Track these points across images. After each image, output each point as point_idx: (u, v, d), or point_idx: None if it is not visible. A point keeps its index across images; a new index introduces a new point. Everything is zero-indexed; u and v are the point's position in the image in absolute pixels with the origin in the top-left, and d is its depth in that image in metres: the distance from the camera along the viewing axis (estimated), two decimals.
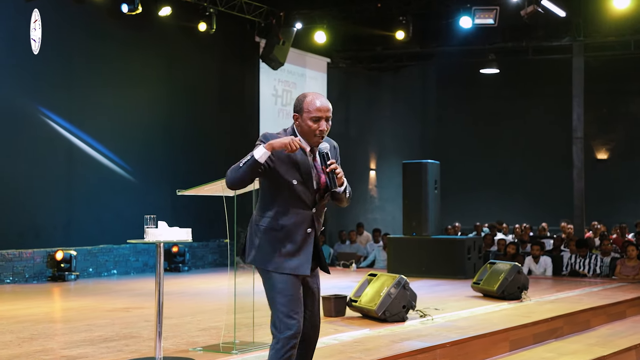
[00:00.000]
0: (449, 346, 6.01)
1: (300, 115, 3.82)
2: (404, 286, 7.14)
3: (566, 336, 7.65)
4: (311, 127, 3.80)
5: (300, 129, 3.84)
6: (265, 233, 3.82)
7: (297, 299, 3.76)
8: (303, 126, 3.82)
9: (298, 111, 3.83)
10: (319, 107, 3.80)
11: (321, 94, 3.91)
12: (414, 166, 12.27)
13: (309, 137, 3.82)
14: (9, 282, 10.77)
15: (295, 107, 3.88)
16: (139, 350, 5.57)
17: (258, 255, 3.83)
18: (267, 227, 3.81)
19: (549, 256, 12.84)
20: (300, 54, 16.40)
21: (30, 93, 11.37)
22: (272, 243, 3.80)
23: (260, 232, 3.84)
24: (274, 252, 3.79)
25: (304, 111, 3.81)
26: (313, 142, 3.83)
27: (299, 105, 3.84)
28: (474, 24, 13.80)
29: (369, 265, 14.40)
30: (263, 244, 3.81)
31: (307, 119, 3.79)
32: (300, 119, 3.82)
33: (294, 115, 3.86)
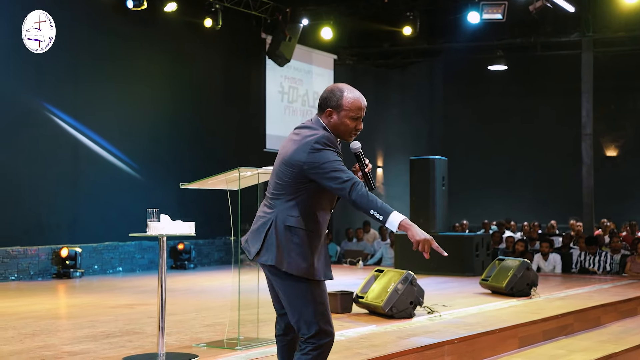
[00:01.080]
0: (457, 342, 5.90)
1: (337, 111, 3.57)
2: (411, 282, 7.03)
3: (576, 333, 7.53)
4: (349, 126, 3.58)
5: (332, 126, 3.59)
6: (296, 235, 3.56)
7: (328, 304, 3.63)
8: (339, 124, 3.58)
9: (335, 107, 3.57)
10: (361, 106, 3.59)
11: (355, 88, 3.67)
12: (421, 162, 12.15)
13: (343, 135, 3.61)
14: (13, 279, 10.71)
15: (328, 100, 3.59)
16: (142, 346, 5.48)
17: (289, 259, 3.55)
18: (299, 229, 3.55)
19: (558, 254, 12.71)
20: (306, 51, 16.31)
21: (36, 90, 11.31)
22: (303, 247, 3.55)
23: (289, 234, 3.56)
24: (305, 257, 3.55)
25: (344, 108, 3.56)
26: (345, 139, 3.64)
27: (337, 101, 3.57)
28: (482, 19, 13.67)
29: (375, 263, 14.28)
30: (293, 248, 3.55)
31: (346, 117, 3.57)
32: (336, 116, 3.57)
33: (328, 111, 3.58)
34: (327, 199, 3.64)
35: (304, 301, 3.57)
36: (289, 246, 3.56)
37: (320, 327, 3.55)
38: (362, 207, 3.41)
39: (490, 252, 12.13)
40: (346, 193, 3.42)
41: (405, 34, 14.64)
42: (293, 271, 3.55)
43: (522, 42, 16.73)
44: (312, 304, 3.55)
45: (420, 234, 3.39)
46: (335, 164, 3.46)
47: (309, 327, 3.55)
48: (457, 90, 20.65)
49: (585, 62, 15.89)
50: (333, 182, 3.45)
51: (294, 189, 3.56)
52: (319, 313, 3.55)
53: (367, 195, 3.41)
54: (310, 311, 3.55)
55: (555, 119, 19.50)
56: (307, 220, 3.58)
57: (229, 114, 14.47)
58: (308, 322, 3.55)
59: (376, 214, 3.38)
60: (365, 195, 3.40)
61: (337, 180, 3.44)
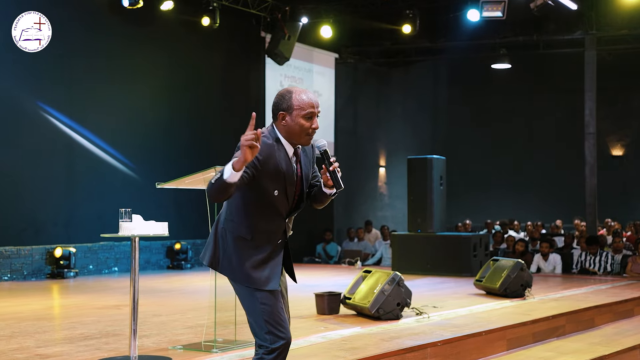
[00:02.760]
0: (441, 345, 5.79)
1: (288, 113, 3.45)
2: (398, 283, 6.92)
3: (568, 335, 7.40)
4: (303, 126, 3.46)
5: (286, 129, 3.47)
6: (235, 241, 3.50)
7: (279, 308, 3.51)
8: (292, 125, 3.45)
9: (286, 109, 3.45)
10: (312, 103, 3.48)
11: (304, 88, 3.59)
12: (419, 162, 12.02)
13: (298, 137, 3.48)
14: (6, 279, 10.66)
15: (278, 104, 3.48)
16: (118, 349, 5.39)
17: (230, 266, 3.51)
18: (238, 235, 3.50)
19: (558, 254, 12.56)
20: (307, 50, 16.21)
21: (30, 89, 11.25)
22: (243, 254, 3.48)
23: (226, 237, 3.53)
24: (245, 264, 3.47)
25: (294, 108, 3.45)
26: (303, 142, 3.50)
27: (286, 102, 3.46)
28: (481, 16, 13.49)
29: (375, 263, 14.18)
30: (233, 254, 3.50)
31: (299, 116, 3.45)
32: (289, 117, 3.45)
33: (280, 114, 3.46)
34: (271, 206, 3.50)
35: (252, 306, 3.50)
36: (224, 249, 3.54)
37: (270, 330, 3.46)
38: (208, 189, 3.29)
39: (489, 252, 11.99)
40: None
41: (405, 32, 14.49)
42: (227, 275, 3.54)
43: (525, 40, 16.56)
44: (259, 309, 3.47)
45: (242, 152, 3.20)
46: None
47: (259, 332, 3.48)
48: (460, 89, 20.47)
49: (588, 61, 15.68)
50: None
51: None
52: (267, 316, 3.46)
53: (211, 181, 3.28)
54: (258, 315, 3.47)
55: (559, 118, 19.30)
56: (242, 225, 3.50)
57: (227, 113, 14.36)
58: (257, 326, 3.49)
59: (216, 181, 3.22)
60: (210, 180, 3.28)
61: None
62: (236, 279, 3.52)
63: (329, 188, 3.58)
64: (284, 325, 3.50)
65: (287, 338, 3.49)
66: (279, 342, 3.46)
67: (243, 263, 3.48)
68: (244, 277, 3.48)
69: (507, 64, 17.44)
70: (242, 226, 3.49)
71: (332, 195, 3.62)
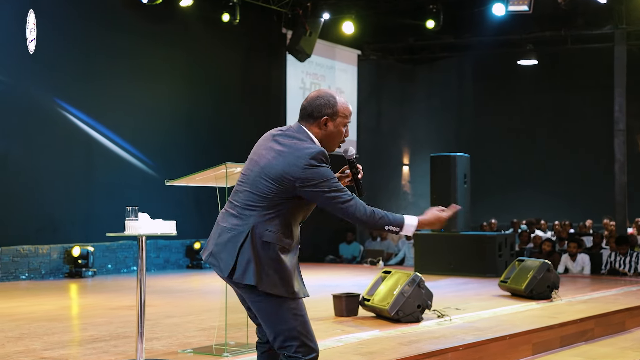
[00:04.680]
0: (462, 349, 5.53)
1: (332, 119, 3.35)
2: (418, 284, 6.67)
3: (598, 339, 7.11)
4: (342, 134, 3.40)
5: (326, 135, 3.35)
6: (273, 252, 3.27)
7: (308, 319, 3.35)
8: (334, 132, 3.36)
9: (331, 114, 3.34)
10: (351, 111, 3.45)
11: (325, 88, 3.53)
12: (442, 159, 11.75)
13: (334, 143, 3.40)
14: (24, 278, 10.56)
15: (323, 107, 3.34)
16: (126, 352, 5.21)
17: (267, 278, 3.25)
18: (281, 247, 3.28)
19: (587, 254, 12.22)
20: (330, 46, 15.98)
21: (49, 87, 11.16)
22: (281, 264, 3.27)
23: (267, 250, 3.26)
24: (283, 275, 3.28)
25: (339, 115, 3.36)
26: (332, 149, 3.42)
27: (331, 108, 3.34)
28: (507, 11, 13.13)
29: (398, 263, 13.92)
30: (274, 265, 3.26)
31: (342, 124, 3.38)
32: (331, 123, 3.35)
33: (325, 119, 3.33)
34: (302, 214, 3.39)
35: (284, 318, 3.28)
36: (267, 263, 3.26)
37: (304, 342, 3.27)
38: (375, 226, 3.28)
39: (514, 252, 11.67)
40: (351, 213, 3.23)
41: (429, 28, 14.19)
42: (272, 290, 3.26)
43: (552, 35, 16.17)
44: (292, 320, 3.27)
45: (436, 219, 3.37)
46: (332, 182, 3.25)
47: (290, 344, 3.27)
48: (486, 86, 20.13)
49: (618, 56, 15.27)
50: (333, 202, 3.24)
51: (274, 203, 3.26)
52: (301, 328, 3.28)
53: (374, 212, 3.25)
54: (292, 327, 3.27)
55: (587, 115, 18.88)
56: (285, 235, 3.30)
57: (247, 110, 14.18)
58: (290, 338, 3.27)
59: (392, 228, 3.28)
60: (372, 212, 3.25)
61: (337, 200, 3.24)
62: (280, 292, 3.27)
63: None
64: (314, 337, 3.35)
65: (318, 350, 3.35)
66: (312, 354, 3.30)
67: (287, 275, 3.29)
68: (289, 289, 3.28)
69: (534, 60, 17.08)
70: (286, 237, 3.31)
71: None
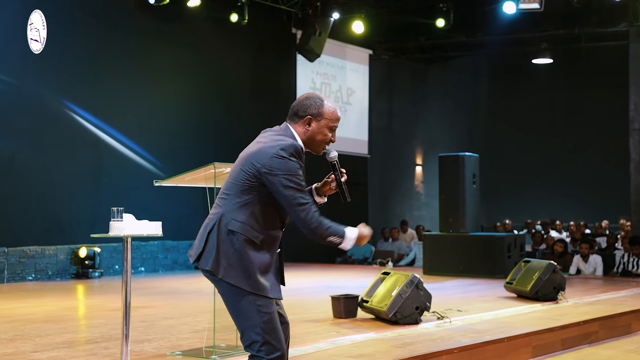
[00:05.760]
0: (457, 352, 5.43)
1: (316, 119, 3.37)
2: (417, 285, 6.57)
3: (602, 342, 6.96)
4: (327, 136, 3.40)
5: (308, 135, 3.37)
6: (245, 244, 3.24)
7: (277, 318, 3.30)
8: (317, 133, 3.37)
9: (316, 115, 3.37)
10: (338, 116, 3.43)
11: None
12: (450, 159, 11.61)
13: (317, 145, 3.40)
14: (31, 279, 10.57)
15: (308, 107, 3.37)
16: (114, 355, 5.16)
17: (233, 271, 3.23)
18: (248, 238, 3.24)
19: (600, 255, 12.03)
20: (340, 46, 15.90)
21: (57, 88, 11.18)
22: (251, 259, 3.24)
23: (238, 242, 3.23)
24: (245, 267, 3.23)
25: (324, 117, 3.38)
26: (316, 151, 3.43)
27: (316, 108, 3.37)
28: (518, 9, 13.00)
29: (408, 264, 13.81)
30: (240, 258, 3.23)
31: (326, 126, 3.38)
32: (315, 124, 3.37)
33: (308, 118, 3.36)
34: (277, 214, 3.34)
35: (248, 313, 3.24)
36: (229, 252, 3.25)
37: (267, 340, 3.22)
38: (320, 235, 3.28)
39: (525, 253, 11.52)
40: (302, 218, 3.23)
41: (439, 26, 14.05)
42: (231, 280, 3.24)
43: (566, 33, 15.98)
44: (257, 316, 3.23)
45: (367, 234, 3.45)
46: (294, 179, 3.24)
47: (255, 342, 3.23)
48: (500, 85, 19.96)
49: (633, 53, 15.06)
50: (289, 199, 3.24)
51: (243, 189, 3.28)
52: (265, 325, 3.22)
53: (322, 223, 3.26)
54: (255, 324, 3.22)
55: (602, 114, 18.65)
56: (253, 228, 3.27)
57: (257, 111, 14.11)
58: (253, 335, 3.23)
59: (335, 239, 3.30)
60: (320, 222, 3.26)
61: (293, 199, 3.24)
62: (241, 284, 3.24)
63: (320, 197, 3.53)
64: (281, 337, 3.29)
65: (283, 350, 3.29)
66: (275, 354, 3.24)
67: (250, 268, 3.25)
68: (251, 283, 3.24)
69: (549, 59, 16.89)
70: (254, 230, 3.27)
71: (320, 204, 3.52)
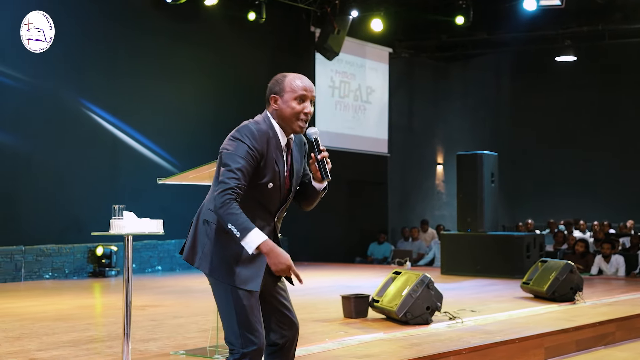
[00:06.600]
0: (466, 353, 5.33)
1: (280, 96, 3.28)
2: (427, 285, 6.47)
3: (618, 343, 6.81)
4: (295, 109, 3.27)
5: (278, 113, 3.28)
6: (216, 234, 3.22)
7: (256, 311, 3.23)
8: (284, 109, 3.27)
9: (278, 91, 3.29)
10: (305, 86, 3.30)
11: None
12: (468, 158, 11.48)
13: (290, 121, 3.28)
14: (48, 277, 10.61)
15: (271, 88, 3.33)
16: (118, 353, 5.12)
17: (208, 260, 3.23)
18: (213, 224, 3.23)
19: (622, 255, 11.83)
20: (359, 44, 15.81)
21: (75, 87, 11.22)
22: (226, 248, 3.20)
23: (208, 230, 3.24)
24: (226, 259, 3.20)
25: (286, 91, 3.27)
26: (295, 128, 3.29)
27: (278, 85, 3.30)
28: (538, 5, 12.83)
29: (427, 264, 13.70)
30: (214, 247, 3.22)
31: (291, 99, 3.27)
32: (280, 101, 3.28)
33: (272, 97, 3.30)
34: (258, 198, 3.25)
35: (224, 304, 3.23)
36: (203, 242, 3.26)
37: (242, 333, 3.18)
38: (222, 218, 3.08)
39: (544, 253, 11.35)
40: (215, 196, 3.10)
41: (458, 24, 13.89)
42: (205, 270, 3.24)
43: (589, 30, 15.75)
44: (232, 308, 3.19)
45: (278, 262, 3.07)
46: (233, 156, 3.14)
47: (230, 334, 3.20)
48: (522, 83, 19.74)
49: None
50: (218, 175, 3.17)
51: (215, 177, 3.22)
52: (240, 317, 3.18)
53: (231, 207, 3.06)
54: (231, 315, 3.19)
55: (628, 112, 18.37)
56: None
57: None
58: (230, 328, 3.20)
59: (234, 229, 3.05)
60: (229, 206, 3.06)
61: (220, 175, 3.14)
62: (214, 274, 3.22)
63: (318, 181, 3.37)
64: (258, 330, 3.22)
65: (259, 344, 3.21)
66: (250, 347, 3.18)
67: (224, 257, 3.21)
68: (224, 273, 3.21)
69: (573, 56, 16.65)
70: None
71: (321, 190, 3.40)
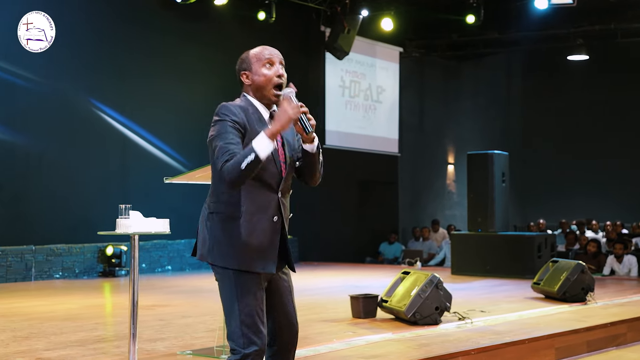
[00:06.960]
0: (475, 353, 5.28)
1: (249, 70, 3.26)
2: (436, 285, 6.42)
3: (630, 344, 6.74)
4: (267, 75, 3.23)
5: (253, 87, 3.26)
6: (222, 222, 3.15)
7: (262, 307, 3.15)
8: (257, 80, 3.24)
9: (245, 68, 3.27)
10: (270, 52, 3.28)
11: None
12: (479, 157, 11.42)
13: (264, 89, 3.24)
14: (58, 277, 10.63)
15: (239, 68, 3.31)
16: (125, 353, 5.09)
17: (211, 250, 3.15)
18: (224, 215, 3.14)
19: (635, 255, 11.73)
20: (370, 44, 15.76)
21: (85, 87, 11.24)
22: (230, 235, 3.12)
23: (214, 221, 3.17)
24: (232, 246, 3.11)
25: (253, 62, 3.25)
26: (271, 96, 3.24)
27: (244, 62, 3.29)
28: (550, 4, 12.76)
29: (438, 264, 13.64)
30: (219, 236, 3.14)
31: (260, 67, 3.24)
32: (250, 73, 3.25)
33: (242, 74, 3.28)
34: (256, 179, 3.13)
35: (229, 302, 3.14)
36: (204, 232, 3.22)
37: (244, 333, 3.09)
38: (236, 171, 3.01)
39: (555, 253, 11.27)
40: (218, 168, 3.06)
41: (469, 23, 13.81)
42: (219, 263, 3.15)
43: (601, 29, 15.64)
44: (236, 305, 3.11)
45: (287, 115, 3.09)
46: (220, 137, 3.11)
47: (233, 333, 3.12)
48: (534, 83, 19.63)
49: None
50: (213, 157, 3.10)
51: (213, 168, 3.17)
52: (244, 316, 3.09)
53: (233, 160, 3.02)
54: (235, 313, 3.11)
55: None
56: (229, 204, 3.15)
57: None
58: (233, 327, 3.11)
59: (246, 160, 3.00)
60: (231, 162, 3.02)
61: (214, 153, 3.09)
62: (227, 263, 3.13)
63: (308, 142, 3.23)
64: (262, 331, 3.13)
65: (261, 345, 3.12)
66: (251, 348, 3.10)
67: (234, 244, 3.12)
68: (236, 259, 3.11)
69: (585, 55, 16.54)
70: (230, 204, 3.14)
71: (315, 152, 3.24)
